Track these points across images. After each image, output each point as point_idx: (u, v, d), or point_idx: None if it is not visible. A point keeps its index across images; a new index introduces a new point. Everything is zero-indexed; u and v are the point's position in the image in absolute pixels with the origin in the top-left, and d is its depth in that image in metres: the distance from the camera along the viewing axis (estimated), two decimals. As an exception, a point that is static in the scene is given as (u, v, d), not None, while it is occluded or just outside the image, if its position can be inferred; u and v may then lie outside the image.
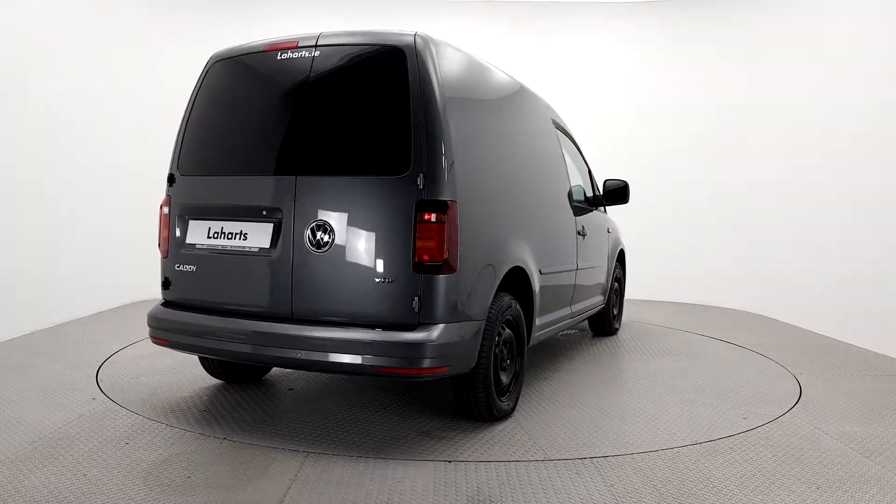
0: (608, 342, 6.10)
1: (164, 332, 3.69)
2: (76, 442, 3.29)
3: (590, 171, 5.91)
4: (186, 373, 4.61)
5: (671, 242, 8.51)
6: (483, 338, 3.46)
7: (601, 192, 5.94)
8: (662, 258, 8.46)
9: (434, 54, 3.35)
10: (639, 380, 4.77)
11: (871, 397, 4.43)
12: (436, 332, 3.15)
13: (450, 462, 3.16)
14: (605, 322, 6.27)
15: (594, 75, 8.81)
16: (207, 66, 3.86)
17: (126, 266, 7.29)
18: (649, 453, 3.32)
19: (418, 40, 3.34)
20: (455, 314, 3.24)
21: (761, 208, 7.93)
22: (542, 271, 4.24)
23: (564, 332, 6.43)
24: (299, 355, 3.25)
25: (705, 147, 8.56)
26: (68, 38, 6.65)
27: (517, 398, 3.94)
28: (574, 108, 7.56)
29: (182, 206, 3.73)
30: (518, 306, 3.85)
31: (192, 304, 3.68)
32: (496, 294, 3.59)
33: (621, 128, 8.71)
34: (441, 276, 3.17)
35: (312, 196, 3.34)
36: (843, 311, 6.40)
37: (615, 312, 6.47)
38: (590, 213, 5.58)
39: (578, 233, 5.06)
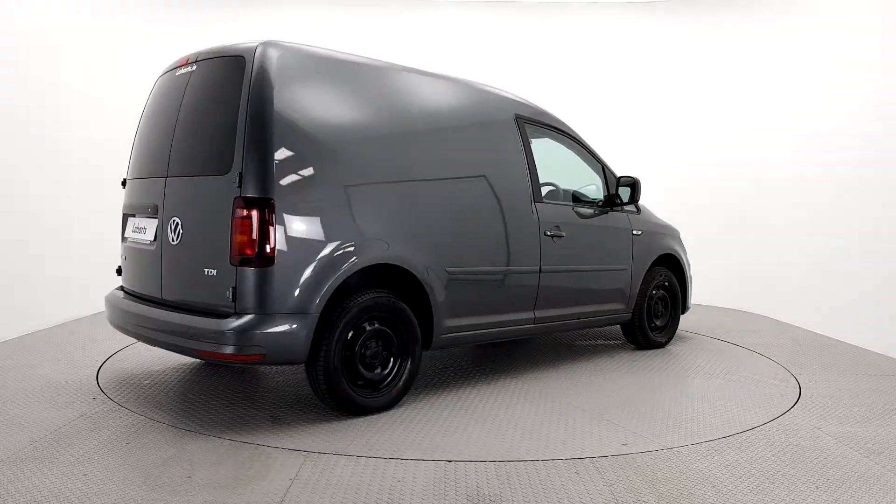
0: (628, 354, 5.56)
1: (109, 314, 4.26)
2: (76, 442, 3.29)
3: (605, 171, 5.49)
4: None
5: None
6: (323, 332, 3.56)
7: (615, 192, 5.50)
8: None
9: (274, 60, 3.58)
10: (580, 395, 4.31)
11: (871, 397, 4.43)
12: (245, 321, 3.38)
13: (450, 462, 3.16)
14: (636, 333, 5.70)
15: (595, 74, 8.81)
16: (155, 81, 4.38)
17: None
18: (649, 453, 3.32)
19: (259, 48, 3.61)
20: (273, 306, 3.43)
21: (762, 208, 7.93)
22: (452, 271, 4.16)
23: (602, 342, 6.11)
24: (155, 336, 3.77)
25: (705, 146, 8.55)
26: (66, 38, 6.65)
27: (396, 397, 3.92)
28: (576, 106, 7.57)
29: (125, 206, 4.40)
30: (399, 303, 3.88)
31: (127, 290, 4.30)
32: (354, 290, 3.71)
33: (621, 127, 8.71)
34: (255, 269, 3.40)
35: (174, 195, 3.83)
36: (843, 311, 6.40)
37: (657, 324, 5.85)
38: (599, 216, 5.30)
39: (548, 234, 4.77)
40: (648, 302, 5.74)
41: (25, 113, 5.98)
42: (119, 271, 4.44)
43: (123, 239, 4.37)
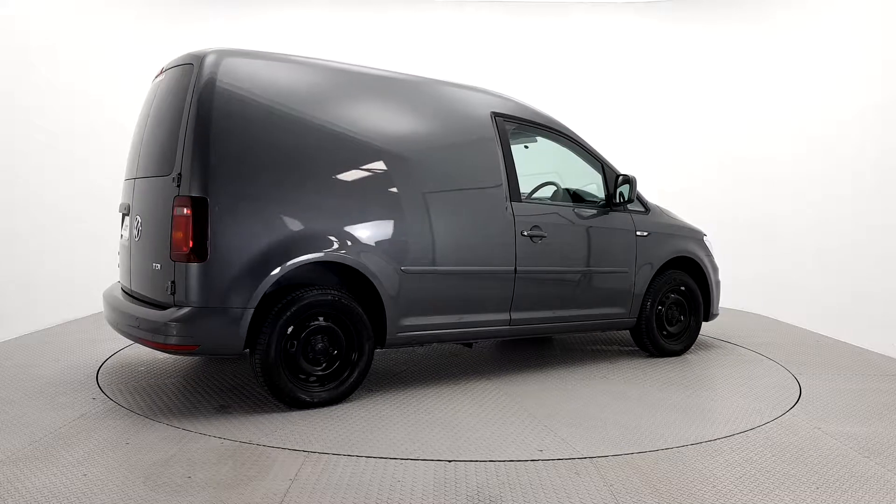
0: (635, 361, 5.28)
1: (103, 308, 4.48)
2: (76, 442, 3.29)
3: (604, 169, 5.23)
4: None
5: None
6: (260, 325, 3.71)
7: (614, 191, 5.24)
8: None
9: (220, 67, 3.76)
10: (542, 400, 4.17)
11: (871, 397, 4.43)
12: (181, 313, 3.59)
13: (450, 462, 3.16)
14: (643, 339, 5.43)
15: (596, 75, 8.81)
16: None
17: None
18: (649, 453, 3.32)
19: (208, 56, 3.80)
20: (207, 299, 3.61)
21: (762, 209, 7.93)
22: (408, 269, 4.15)
23: (618, 348, 5.96)
24: (121, 328, 4.01)
25: (707, 147, 8.56)
26: (65, 38, 6.65)
27: (344, 392, 3.97)
28: (577, 106, 7.57)
29: (119, 205, 4.59)
30: (348, 300, 3.93)
31: (121, 285, 4.53)
32: (303, 286, 3.86)
33: (623, 128, 8.71)
34: (191, 265, 3.59)
35: (138, 194, 4.13)
36: (843, 311, 6.40)
37: (670, 330, 5.53)
38: (596, 216, 5.10)
39: (525, 234, 4.63)
40: (659, 307, 5.45)
41: (25, 113, 5.98)
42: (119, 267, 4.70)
43: (121, 236, 4.59)
